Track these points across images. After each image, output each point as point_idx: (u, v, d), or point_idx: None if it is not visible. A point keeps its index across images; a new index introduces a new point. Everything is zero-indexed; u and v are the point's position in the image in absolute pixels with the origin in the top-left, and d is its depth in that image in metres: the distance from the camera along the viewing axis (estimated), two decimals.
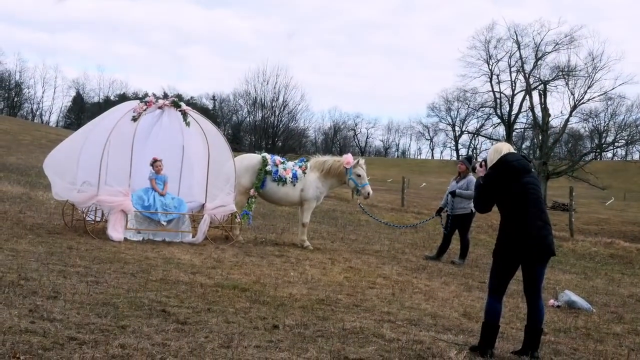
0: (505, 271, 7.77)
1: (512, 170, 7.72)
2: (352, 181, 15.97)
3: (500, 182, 7.73)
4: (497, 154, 7.88)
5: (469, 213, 16.17)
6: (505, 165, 7.75)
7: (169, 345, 6.62)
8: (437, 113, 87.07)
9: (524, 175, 7.75)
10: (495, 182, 7.76)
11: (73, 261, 10.69)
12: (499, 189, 7.74)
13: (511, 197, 7.67)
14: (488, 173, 7.89)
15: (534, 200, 7.70)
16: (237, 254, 13.52)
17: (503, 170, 7.74)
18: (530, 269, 7.75)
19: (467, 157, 17.56)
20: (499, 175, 7.75)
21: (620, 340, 9.43)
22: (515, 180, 7.69)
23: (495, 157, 7.87)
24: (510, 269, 7.77)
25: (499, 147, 8.02)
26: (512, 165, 7.74)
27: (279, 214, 23.42)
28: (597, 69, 64.91)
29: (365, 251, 16.48)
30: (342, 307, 9.51)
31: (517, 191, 7.67)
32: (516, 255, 7.66)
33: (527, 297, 7.93)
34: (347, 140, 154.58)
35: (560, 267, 17.75)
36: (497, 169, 7.78)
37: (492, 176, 7.81)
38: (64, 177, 14.36)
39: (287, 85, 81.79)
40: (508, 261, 7.73)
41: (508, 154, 7.88)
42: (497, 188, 7.75)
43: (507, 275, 7.80)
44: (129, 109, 14.59)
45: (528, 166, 7.91)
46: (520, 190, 7.67)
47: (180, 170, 16.04)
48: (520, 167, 7.78)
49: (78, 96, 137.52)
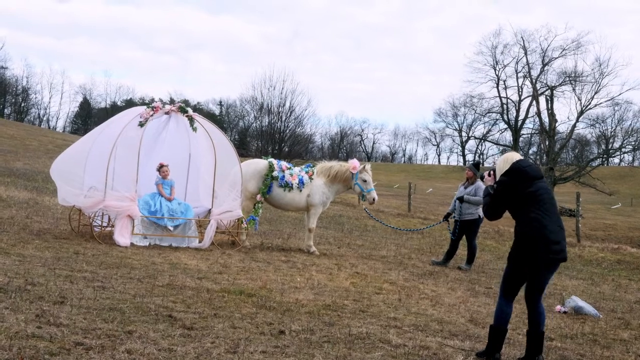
0: (519, 276, 7.78)
1: (525, 176, 7.75)
2: (358, 186, 15.97)
3: (515, 188, 7.74)
4: (507, 162, 7.90)
5: (476, 219, 16.16)
6: (519, 171, 7.78)
7: (176, 350, 6.61)
8: (443, 118, 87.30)
9: (538, 181, 7.80)
10: (509, 188, 7.77)
11: (80, 266, 10.71)
12: (513, 195, 7.76)
13: (526, 203, 7.69)
14: (501, 180, 7.90)
15: (548, 204, 7.75)
16: (244, 259, 13.52)
17: (517, 176, 7.76)
18: (539, 274, 7.72)
19: (474, 163, 17.53)
20: (512, 181, 7.76)
21: (627, 347, 9.41)
22: (529, 185, 7.71)
23: (505, 166, 7.90)
24: (525, 273, 7.76)
25: (509, 156, 8.05)
26: (525, 171, 7.78)
27: (285, 219, 23.42)
28: (604, 75, 64.97)
29: (371, 257, 16.47)
30: (348, 313, 9.50)
31: (532, 196, 7.68)
32: (531, 260, 7.63)
33: (528, 301, 7.90)
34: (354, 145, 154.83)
35: (567, 273, 17.71)
36: (511, 175, 7.80)
37: (506, 182, 7.81)
38: (71, 182, 14.36)
39: (293, 90, 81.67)
40: (523, 266, 7.71)
41: (520, 160, 7.93)
42: (511, 194, 7.77)
43: (521, 279, 7.80)
44: (135, 115, 14.60)
45: (540, 172, 7.95)
46: (535, 195, 7.69)
47: (187, 175, 16.05)
48: (533, 172, 7.83)
49: (85, 101, 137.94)
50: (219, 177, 14.96)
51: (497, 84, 70.10)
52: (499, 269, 16.98)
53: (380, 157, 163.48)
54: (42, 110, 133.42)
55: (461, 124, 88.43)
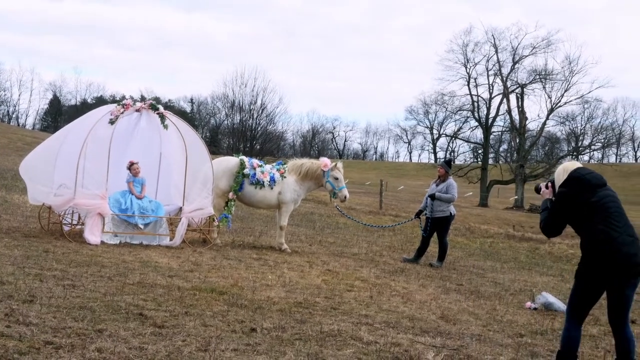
0: (589, 295, 7.22)
1: (586, 184, 7.23)
2: (330, 184, 15.98)
3: (575, 199, 7.22)
4: (566, 172, 7.40)
5: (447, 216, 16.24)
6: (578, 179, 7.27)
7: (146, 349, 6.59)
8: (415, 116, 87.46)
9: (601, 188, 7.28)
10: (570, 199, 7.25)
11: (49, 265, 10.63)
12: (574, 206, 7.24)
13: (590, 214, 7.14)
14: (560, 191, 7.37)
15: (616, 213, 7.17)
16: (215, 257, 13.49)
17: (576, 185, 7.25)
18: (617, 292, 7.14)
19: (446, 160, 17.59)
20: (573, 191, 7.25)
21: (597, 342, 9.50)
22: (591, 194, 7.19)
23: (563, 176, 7.39)
24: (595, 293, 7.20)
25: (567, 165, 7.54)
26: (586, 179, 7.27)
27: (257, 217, 23.39)
28: (574, 73, 65.85)
29: (343, 254, 16.50)
30: (320, 310, 9.51)
31: (596, 206, 7.13)
32: (603, 277, 7.06)
33: (612, 325, 7.36)
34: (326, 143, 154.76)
35: (537, 269, 17.87)
36: (570, 185, 7.29)
37: (566, 194, 7.30)
38: (41, 180, 14.26)
39: (265, 88, 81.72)
40: (593, 284, 7.15)
41: (578, 168, 7.42)
42: (572, 205, 7.24)
43: (591, 300, 7.24)
44: (106, 112, 14.52)
45: (602, 179, 7.39)
46: (600, 204, 7.15)
47: (157, 173, 15.97)
48: (595, 180, 7.30)
49: (55, 99, 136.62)
50: (190, 174, 14.90)
51: (468, 81, 70.50)
52: (469, 265, 17.10)
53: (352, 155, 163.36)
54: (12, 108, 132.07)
55: (432, 121, 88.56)
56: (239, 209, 20.84)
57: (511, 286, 14.21)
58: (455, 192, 16.30)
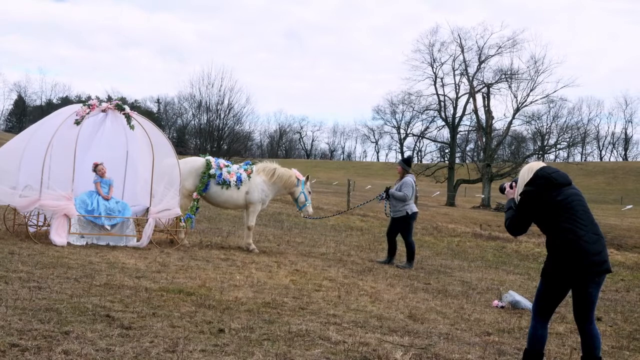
0: (555, 294, 7.22)
1: (552, 183, 7.20)
2: (304, 195, 16.27)
3: (542, 197, 7.19)
4: (531, 171, 7.35)
5: (404, 216, 15.99)
6: (544, 178, 7.24)
7: (114, 350, 6.55)
8: (382, 116, 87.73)
9: (566, 187, 7.26)
10: (536, 198, 7.21)
11: (15, 266, 10.53)
12: (539, 205, 7.21)
13: (556, 213, 7.13)
14: (526, 190, 7.30)
15: (582, 212, 7.17)
16: (183, 258, 13.44)
17: (542, 183, 7.21)
18: (583, 291, 7.14)
19: (404, 158, 17.35)
20: (538, 190, 7.21)
21: (563, 340, 9.57)
22: (557, 193, 7.17)
23: (528, 175, 7.33)
24: (562, 291, 7.21)
25: (532, 165, 7.49)
26: (552, 178, 7.24)
27: (224, 217, 23.33)
28: (540, 72, 66.49)
29: (311, 254, 16.50)
30: (288, 310, 9.50)
31: (561, 204, 7.12)
32: (568, 275, 7.07)
33: (578, 322, 7.36)
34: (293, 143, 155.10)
35: (504, 268, 17.96)
36: (536, 184, 7.24)
37: (532, 192, 7.25)
38: (5, 181, 14.13)
39: (232, 88, 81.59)
40: (559, 282, 7.15)
41: (544, 167, 7.38)
42: (539, 204, 7.21)
43: (557, 298, 7.25)
44: (71, 112, 14.43)
45: (568, 178, 7.36)
46: (565, 202, 7.13)
47: (124, 173, 15.89)
48: (561, 178, 7.28)
49: (20, 99, 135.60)
50: (157, 175, 14.84)
51: (434, 81, 70.93)
52: (437, 264, 17.14)
53: (319, 155, 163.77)
54: None
55: (399, 121, 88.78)
56: (206, 209, 20.80)
57: (478, 285, 14.28)
58: (408, 191, 15.90)
